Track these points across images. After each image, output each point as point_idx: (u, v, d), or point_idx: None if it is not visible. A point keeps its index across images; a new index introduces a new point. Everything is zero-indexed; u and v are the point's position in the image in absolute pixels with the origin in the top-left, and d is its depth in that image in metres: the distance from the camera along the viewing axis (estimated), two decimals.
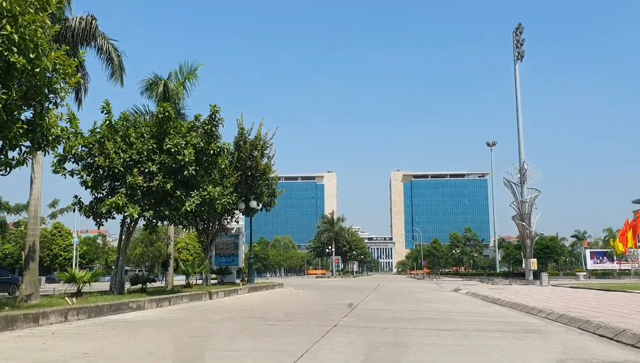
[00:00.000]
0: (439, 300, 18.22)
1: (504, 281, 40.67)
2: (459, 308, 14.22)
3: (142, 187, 15.07)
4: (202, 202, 15.13)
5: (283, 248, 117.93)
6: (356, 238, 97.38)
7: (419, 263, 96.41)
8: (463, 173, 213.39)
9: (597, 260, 59.24)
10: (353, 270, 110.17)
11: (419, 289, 28.80)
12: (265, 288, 23.76)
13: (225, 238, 26.83)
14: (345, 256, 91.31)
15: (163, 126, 15.74)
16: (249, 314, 11.29)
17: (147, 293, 15.57)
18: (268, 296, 19.08)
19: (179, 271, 20.81)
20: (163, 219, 15.64)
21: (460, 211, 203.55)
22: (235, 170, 22.17)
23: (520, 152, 35.37)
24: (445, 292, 25.00)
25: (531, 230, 34.37)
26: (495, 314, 12.30)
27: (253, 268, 23.86)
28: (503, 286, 31.67)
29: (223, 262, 26.52)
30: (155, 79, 19.54)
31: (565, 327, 9.41)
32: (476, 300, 18.56)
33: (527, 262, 34.44)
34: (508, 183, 35.65)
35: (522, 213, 34.69)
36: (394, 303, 15.71)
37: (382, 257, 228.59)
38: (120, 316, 10.63)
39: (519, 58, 35.65)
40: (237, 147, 22.61)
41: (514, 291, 23.67)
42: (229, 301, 15.93)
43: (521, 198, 34.94)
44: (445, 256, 77.35)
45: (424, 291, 26.16)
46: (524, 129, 35.56)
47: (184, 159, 14.72)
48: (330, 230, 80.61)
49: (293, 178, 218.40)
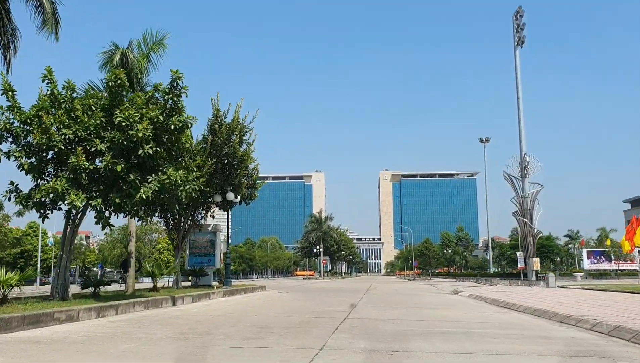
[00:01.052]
0: (443, 304, 15.70)
1: (502, 282, 38.42)
2: (472, 316, 11.68)
3: (88, 170, 12.38)
4: (161, 188, 12.44)
5: (270, 249, 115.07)
6: (345, 237, 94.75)
7: (409, 264, 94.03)
8: (452, 173, 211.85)
9: (594, 260, 57.29)
10: (342, 271, 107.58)
11: (415, 291, 26.30)
12: (244, 291, 21.09)
13: (201, 236, 24.09)
14: (333, 256, 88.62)
15: (115, 98, 13.04)
16: (209, 328, 8.63)
17: (99, 298, 12.86)
18: (245, 301, 16.41)
19: (143, 272, 18.08)
20: (114, 209, 12.93)
21: (449, 211, 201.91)
22: (209, 157, 19.49)
23: (522, 144, 33.07)
24: (445, 295, 22.53)
25: (533, 227, 32.08)
26: (523, 324, 9.79)
27: (230, 269, 21.21)
28: (504, 287, 29.32)
29: (198, 262, 23.80)
30: (112, 47, 16.78)
31: (636, 347, 6.91)
32: (486, 304, 16.07)
33: (529, 262, 32.13)
34: (508, 177, 33.34)
35: (524, 209, 32.38)
36: (393, 309, 13.15)
37: (371, 258, 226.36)
38: (33, 333, 7.91)
39: (520, 44, 33.38)
40: (212, 131, 19.90)
41: (522, 293, 21.27)
42: (195, 308, 13.24)
43: (522, 192, 32.63)
44: (437, 257, 74.92)
45: (422, 293, 23.66)
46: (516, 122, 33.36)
47: (137, 135, 12.02)
48: (318, 229, 77.87)
49: (281, 178, 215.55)
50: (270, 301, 16.33)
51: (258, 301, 16.45)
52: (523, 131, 32.85)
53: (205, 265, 23.51)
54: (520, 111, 32.85)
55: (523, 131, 32.83)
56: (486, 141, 66.72)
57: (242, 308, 13.10)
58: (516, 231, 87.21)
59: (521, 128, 32.99)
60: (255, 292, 22.46)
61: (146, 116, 12.40)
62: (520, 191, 32.85)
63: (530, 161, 32.44)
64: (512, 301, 15.59)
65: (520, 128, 33.01)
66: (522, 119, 32.86)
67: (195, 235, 24.03)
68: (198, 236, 24.15)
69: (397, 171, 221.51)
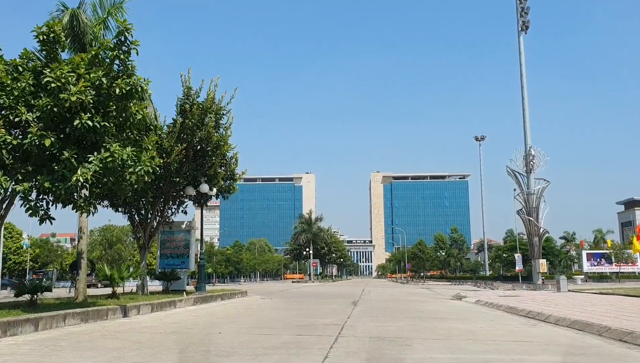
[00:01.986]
0: (454, 314, 13.16)
1: (504, 285, 36.04)
2: (498, 331, 9.14)
3: (11, 145, 9.73)
4: (103, 170, 9.78)
5: (258, 252, 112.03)
6: (335, 239, 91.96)
7: (402, 266, 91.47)
8: (444, 175, 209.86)
9: (594, 262, 55.18)
10: (332, 274, 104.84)
11: (413, 296, 23.78)
12: (221, 297, 18.41)
13: (173, 235, 21.38)
14: (323, 259, 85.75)
15: (49, 56, 10.38)
16: (144, 358, 5.98)
17: (34, 308, 10.19)
18: (217, 311, 13.75)
19: (99, 276, 15.36)
20: (44, 195, 10.26)
21: (440, 214, 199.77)
22: (179, 142, 16.81)
23: (526, 136, 30.67)
24: (448, 301, 20.03)
25: (539, 226, 29.69)
26: (581, 346, 7.25)
27: (204, 272, 18.53)
28: (509, 292, 26.90)
29: (170, 265, 21.08)
30: (61, 7, 14.09)
31: None
32: (504, 313, 13.55)
33: (535, 263, 29.71)
34: (512, 173, 30.93)
35: (529, 207, 29.98)
36: (396, 321, 10.58)
37: (362, 261, 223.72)
38: None
39: (524, 29, 31.03)
40: (182, 112, 17.19)
41: (536, 299, 18.82)
42: (149, 321, 10.57)
43: (528, 189, 30.24)
44: (431, 259, 72.46)
45: (422, 299, 21.14)
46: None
47: (71, 99, 9.36)
48: (308, 230, 75.05)
49: (270, 179, 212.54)
50: (247, 311, 13.69)
51: (233, 310, 13.79)
52: (528, 122, 30.47)
53: (178, 268, 20.80)
54: (524, 101, 30.50)
55: (528, 123, 30.45)
56: (481, 139, 64.65)
57: (208, 322, 10.44)
58: (511, 234, 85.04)
59: (526, 119, 30.60)
60: (234, 298, 19.79)
61: (84, 78, 9.74)
62: (525, 188, 30.46)
63: (536, 155, 30.10)
64: (534, 309, 13.11)
65: (525, 119, 30.61)
66: (526, 109, 30.48)
67: (166, 234, 21.31)
68: (170, 235, 21.43)
69: (388, 173, 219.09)
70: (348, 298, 21.41)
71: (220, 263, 69.43)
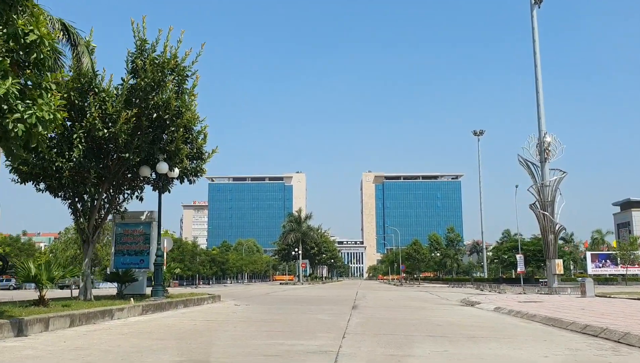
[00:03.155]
0: (484, 329, 9.76)
1: (511, 288, 32.82)
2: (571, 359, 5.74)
3: None
4: None
5: (246, 252, 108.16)
6: (326, 239, 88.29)
7: (395, 268, 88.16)
8: (436, 175, 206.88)
9: (599, 264, 52.19)
10: (322, 276, 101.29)
11: (417, 301, 20.38)
12: (183, 304, 14.88)
13: (131, 227, 17.81)
14: (313, 259, 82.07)
15: None
16: None
17: None
18: (164, 325, 10.21)
19: (19, 277, 11.81)
20: None
21: (433, 214, 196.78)
22: (128, 107, 13.27)
23: (540, 121, 27.38)
24: (461, 308, 16.66)
25: (555, 222, 26.45)
26: None
27: (161, 272, 14.93)
28: (522, 295, 23.63)
29: (127, 264, 17.52)
30: None
31: None
32: (548, 328, 10.18)
33: (550, 264, 26.40)
34: (524, 162, 27.65)
35: (544, 200, 26.70)
36: (414, 344, 7.16)
37: (353, 262, 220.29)
38: None
39: (537, 2, 27.83)
40: (134, 70, 13.60)
41: (571, 306, 15.50)
42: (49, 344, 7.04)
43: (542, 180, 26.97)
44: (426, 260, 69.06)
45: (429, 305, 17.73)
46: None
47: None
48: (297, 229, 71.34)
49: (260, 179, 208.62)
50: (207, 325, 10.19)
51: (187, 324, 10.26)
52: (542, 106, 27.17)
53: (135, 267, 17.24)
54: (538, 82, 27.24)
55: (542, 106, 27.16)
56: (480, 133, 61.48)
57: (133, 347, 6.92)
58: (508, 234, 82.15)
59: (540, 103, 27.30)
60: (202, 305, 16.23)
61: None
62: (539, 179, 27.18)
63: (552, 142, 26.86)
64: (592, 323, 9.76)
65: (539, 103, 27.31)
66: (540, 92, 27.20)
67: (122, 226, 17.75)
68: (127, 228, 17.85)
69: (380, 173, 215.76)
70: (341, 304, 17.95)
71: (204, 264, 65.61)
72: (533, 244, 52.88)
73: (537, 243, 53.39)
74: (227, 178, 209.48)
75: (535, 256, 52.04)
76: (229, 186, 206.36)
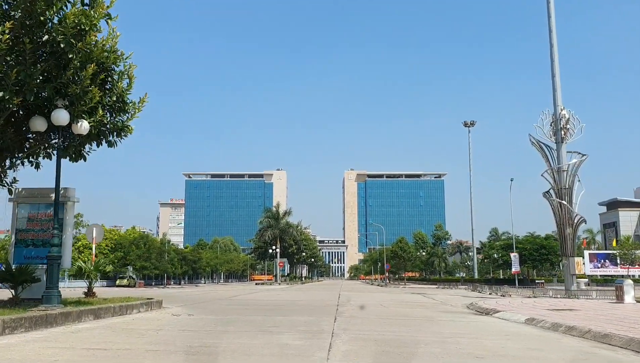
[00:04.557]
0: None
1: (516, 290, 28.80)
2: None
3: None
4: None
5: (222, 250, 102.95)
6: (306, 236, 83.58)
7: (379, 267, 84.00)
8: (419, 173, 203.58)
9: (598, 264, 48.67)
10: (302, 275, 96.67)
11: (414, 308, 16.14)
12: (94, 315, 10.39)
13: (36, 209, 13.22)
14: (292, 258, 77.38)
15: None
16: None
17: None
18: None
19: None
20: None
21: (415, 213, 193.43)
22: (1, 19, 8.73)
23: (556, 95, 23.39)
24: (477, 318, 12.53)
25: (574, 212, 22.51)
26: None
27: (57, 270, 10.38)
28: (534, 299, 19.62)
29: (30, 257, 13.00)
30: None
31: None
32: None
33: (568, 263, 22.40)
34: (537, 144, 23.64)
35: (560, 187, 22.74)
36: None
37: (334, 262, 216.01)
38: None
39: None
40: None
41: (627, 316, 11.44)
42: None
43: (558, 164, 23.01)
44: (413, 259, 64.89)
45: (433, 314, 13.49)
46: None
47: None
48: (274, 226, 66.61)
49: (239, 176, 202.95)
50: (83, 360, 5.77)
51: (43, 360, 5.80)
52: (558, 75, 23.11)
53: (40, 263, 12.67)
54: (553, 49, 23.16)
55: (558, 77, 23.11)
56: (471, 124, 57.54)
57: None
58: (495, 233, 78.59)
59: (555, 71, 23.21)
60: (125, 315, 11.69)
61: None
62: (555, 163, 23.19)
63: (570, 118, 22.91)
64: None
65: (554, 71, 23.23)
66: (555, 59, 23.13)
67: (24, 208, 13.15)
68: (33, 211, 13.26)
69: (362, 171, 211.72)
70: (319, 312, 13.62)
71: (173, 262, 60.50)
72: (529, 242, 49.22)
73: (532, 241, 49.74)
74: (205, 174, 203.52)
75: (532, 255, 48.33)
76: (207, 183, 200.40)
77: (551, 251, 49.28)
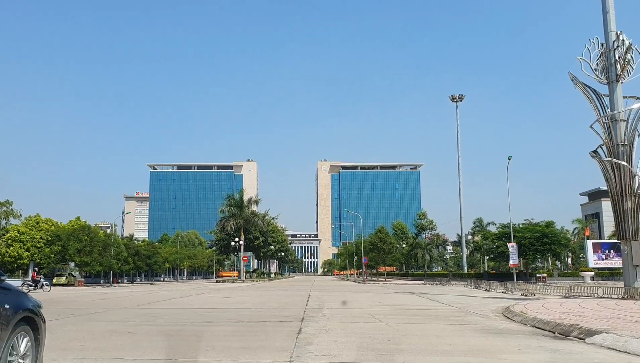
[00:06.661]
0: None
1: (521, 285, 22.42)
2: None
3: None
4: None
5: (186, 245, 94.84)
6: (274, 227, 76.11)
7: (355, 261, 77.34)
8: (395, 164, 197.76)
9: (602, 255, 42.98)
10: (271, 271, 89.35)
11: (434, 323, 9.41)
12: None
13: None
14: (258, 251, 69.87)
15: None
16: None
17: None
18: None
19: None
20: None
21: (390, 205, 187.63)
22: None
23: (608, 17, 17.04)
24: (567, 346, 5.72)
25: (636, 175, 16.22)
26: None
27: None
28: (581, 301, 13.27)
29: None
30: None
31: None
32: None
33: (630, 249, 16.03)
34: (581, 86, 17.22)
35: (614, 143, 16.40)
36: None
37: (307, 256, 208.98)
38: None
39: None
40: None
41: None
42: None
43: (612, 110, 16.66)
44: (394, 251, 58.42)
45: (491, 344, 6.68)
46: None
47: None
48: (238, 215, 59.13)
49: (207, 167, 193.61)
50: None
51: None
52: None
53: None
54: None
55: None
56: (459, 99, 51.34)
57: None
58: (480, 224, 72.65)
59: None
60: None
61: None
62: (607, 109, 16.81)
63: (629, 49, 16.63)
64: None
65: None
66: None
67: None
68: None
69: (336, 162, 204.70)
70: (270, 336, 6.77)
71: (119, 257, 52.56)
72: (529, 230, 43.32)
73: (532, 229, 43.86)
74: (171, 165, 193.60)
75: (533, 246, 42.48)
76: (173, 175, 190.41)
77: (554, 241, 43.42)
